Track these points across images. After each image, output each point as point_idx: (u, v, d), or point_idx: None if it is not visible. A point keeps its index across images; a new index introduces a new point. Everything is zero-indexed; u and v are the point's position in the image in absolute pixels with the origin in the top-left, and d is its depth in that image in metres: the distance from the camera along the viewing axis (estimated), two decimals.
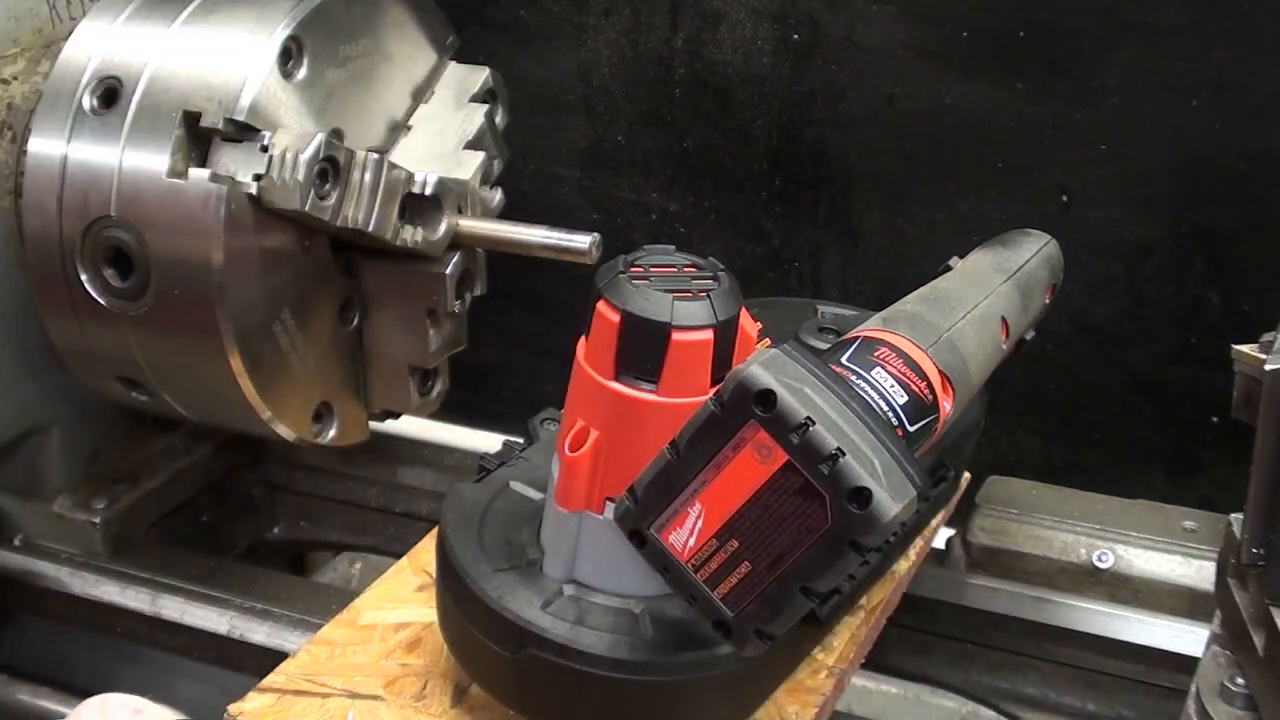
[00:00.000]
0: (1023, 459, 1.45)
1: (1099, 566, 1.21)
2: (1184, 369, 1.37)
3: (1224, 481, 1.35)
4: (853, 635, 0.93)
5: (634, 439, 0.74)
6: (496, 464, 0.91)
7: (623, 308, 0.73)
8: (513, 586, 0.79)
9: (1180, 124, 1.29)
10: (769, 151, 1.46)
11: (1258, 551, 0.82)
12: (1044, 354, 1.36)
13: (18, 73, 1.20)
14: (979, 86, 1.35)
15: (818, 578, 0.67)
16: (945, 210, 1.40)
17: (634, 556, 0.72)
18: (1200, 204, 1.31)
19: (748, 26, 1.42)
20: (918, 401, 0.74)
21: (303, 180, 1.07)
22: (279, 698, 0.86)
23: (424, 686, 0.88)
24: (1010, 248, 0.99)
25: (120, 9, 1.17)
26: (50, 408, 1.29)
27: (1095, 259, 1.35)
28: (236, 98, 1.09)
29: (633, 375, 0.74)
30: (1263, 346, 0.84)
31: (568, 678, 0.76)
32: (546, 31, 1.49)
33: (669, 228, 1.52)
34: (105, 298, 1.14)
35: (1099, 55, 1.30)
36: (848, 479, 0.64)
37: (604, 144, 1.52)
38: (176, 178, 1.09)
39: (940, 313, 0.83)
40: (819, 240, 1.47)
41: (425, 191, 1.17)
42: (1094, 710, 1.22)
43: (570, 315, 0.81)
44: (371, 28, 1.21)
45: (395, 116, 1.26)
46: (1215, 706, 0.83)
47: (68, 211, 1.13)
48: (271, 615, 1.21)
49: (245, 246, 1.10)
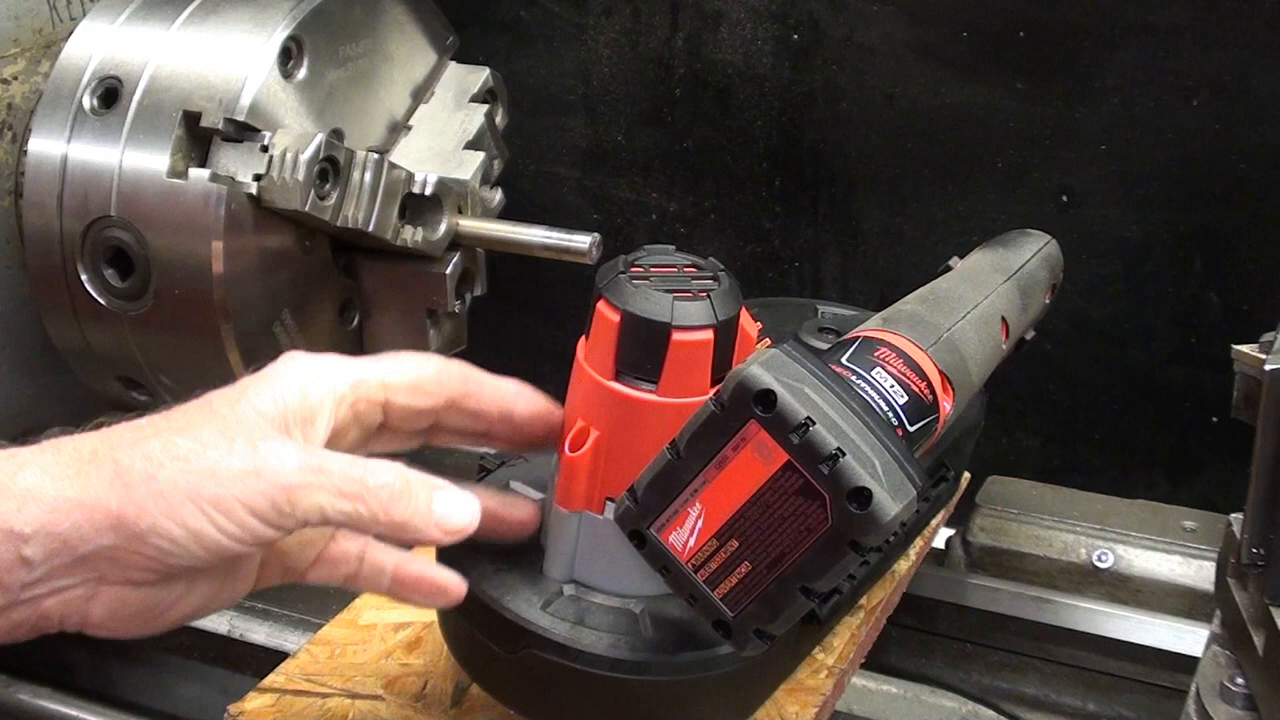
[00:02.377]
0: (1023, 459, 1.45)
1: (1099, 566, 1.20)
2: (1184, 369, 1.37)
3: (1224, 481, 1.35)
4: (853, 635, 0.93)
5: (634, 439, 0.74)
6: (496, 464, 0.91)
7: (623, 308, 0.73)
8: (513, 586, 0.79)
9: (1180, 124, 1.29)
10: (769, 151, 1.46)
11: (1258, 551, 0.82)
12: (1044, 354, 1.36)
13: (18, 73, 1.20)
14: (979, 86, 1.35)
15: (818, 578, 0.67)
16: (945, 210, 1.40)
17: (634, 556, 0.72)
18: (1200, 204, 1.31)
19: (748, 27, 1.42)
20: (918, 401, 0.74)
21: (303, 180, 1.07)
22: (279, 698, 0.87)
23: (424, 686, 0.88)
24: (1010, 248, 0.99)
25: (120, 9, 1.17)
26: (50, 408, 1.29)
27: (1095, 259, 1.35)
28: (236, 98, 1.09)
29: (633, 375, 0.74)
30: (1263, 346, 0.84)
31: (568, 677, 0.76)
32: (547, 32, 1.49)
33: (669, 228, 1.52)
34: (105, 298, 1.14)
35: (1099, 55, 1.30)
36: (848, 479, 0.64)
37: (604, 144, 1.52)
38: (176, 178, 1.09)
39: (940, 313, 0.83)
40: (819, 240, 1.47)
41: (425, 191, 1.17)
42: (1094, 710, 1.22)
43: (570, 315, 0.81)
44: (372, 28, 1.21)
45: (395, 116, 1.26)
46: (1215, 706, 0.83)
47: (68, 211, 1.13)
48: (271, 615, 1.21)
49: (245, 246, 1.10)
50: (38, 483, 0.64)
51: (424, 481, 0.70)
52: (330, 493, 0.67)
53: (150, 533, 0.64)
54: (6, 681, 1.26)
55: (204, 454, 0.65)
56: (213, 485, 0.65)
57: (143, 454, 0.65)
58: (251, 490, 0.65)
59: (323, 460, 0.68)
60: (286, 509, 0.66)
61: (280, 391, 0.70)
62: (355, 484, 0.68)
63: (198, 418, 0.68)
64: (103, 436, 0.67)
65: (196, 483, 0.65)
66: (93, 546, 0.64)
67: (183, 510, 0.64)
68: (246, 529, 0.65)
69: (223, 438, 0.66)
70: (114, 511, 0.64)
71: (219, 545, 0.65)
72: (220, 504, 0.65)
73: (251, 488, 0.65)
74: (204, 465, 0.65)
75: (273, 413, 0.69)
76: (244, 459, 0.66)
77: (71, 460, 0.65)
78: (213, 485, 0.65)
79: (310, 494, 0.66)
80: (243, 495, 0.65)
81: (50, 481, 0.64)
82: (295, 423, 0.69)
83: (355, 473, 0.68)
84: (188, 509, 0.64)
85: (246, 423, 0.68)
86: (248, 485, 0.65)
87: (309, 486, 0.66)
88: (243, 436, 0.67)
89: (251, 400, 0.69)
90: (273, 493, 0.65)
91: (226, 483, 0.65)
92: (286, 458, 0.67)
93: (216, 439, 0.66)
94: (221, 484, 0.65)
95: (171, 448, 0.66)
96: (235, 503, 0.65)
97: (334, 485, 0.67)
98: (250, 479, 0.65)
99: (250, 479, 0.65)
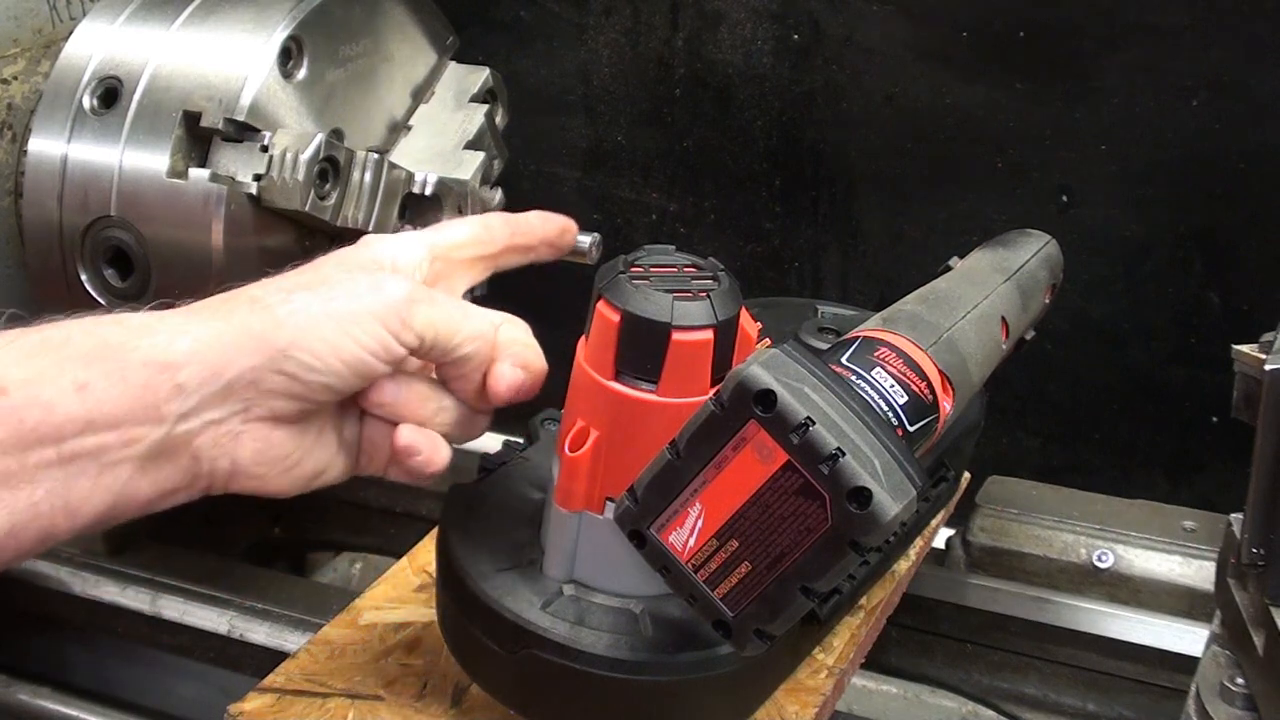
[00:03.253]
0: (1023, 459, 1.45)
1: (1099, 566, 1.21)
2: (1184, 369, 1.37)
3: (1224, 481, 1.35)
4: (853, 635, 0.93)
5: (634, 439, 0.74)
6: (497, 464, 0.91)
7: (623, 308, 0.73)
8: (513, 586, 0.79)
9: (1180, 124, 1.29)
10: (769, 151, 1.46)
11: (1258, 551, 0.82)
12: (1044, 354, 1.36)
13: (18, 73, 1.20)
14: (979, 86, 1.35)
15: (818, 578, 0.67)
16: (945, 210, 1.40)
17: (634, 556, 0.72)
18: (1200, 204, 1.31)
19: (748, 26, 1.42)
20: (918, 401, 0.74)
21: (303, 180, 1.07)
22: (279, 698, 0.87)
23: (424, 686, 0.88)
24: (1010, 248, 0.99)
25: (120, 9, 1.17)
26: None
27: (1095, 259, 1.35)
28: (236, 98, 1.09)
29: (633, 375, 0.74)
30: (1263, 346, 0.84)
31: (568, 677, 0.76)
32: (547, 32, 1.49)
33: (669, 228, 1.52)
34: (105, 297, 1.13)
35: (1099, 55, 1.30)
36: (848, 479, 0.64)
37: (604, 144, 1.52)
38: (176, 178, 1.09)
39: (940, 313, 0.83)
40: (819, 240, 1.47)
41: (425, 191, 1.17)
42: (1094, 710, 1.22)
43: (570, 315, 0.81)
44: (371, 28, 1.21)
45: (395, 116, 1.26)
46: (1215, 706, 0.83)
47: (68, 211, 1.13)
48: (271, 615, 1.21)
49: (245, 246, 1.10)
50: (183, 321, 0.72)
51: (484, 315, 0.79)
52: (441, 314, 0.76)
53: (292, 346, 0.72)
54: (6, 681, 1.26)
55: (333, 281, 0.75)
56: (345, 301, 0.74)
57: (276, 287, 0.75)
58: (378, 303, 0.74)
59: (424, 287, 0.77)
60: (408, 319, 0.74)
61: (375, 254, 0.80)
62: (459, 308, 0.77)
63: (319, 266, 0.78)
64: (233, 289, 0.75)
65: (329, 302, 0.73)
66: (239, 369, 0.71)
67: (322, 325, 0.72)
68: (377, 338, 0.73)
69: (344, 273, 0.77)
70: (257, 333, 0.71)
71: (354, 356, 0.73)
72: (353, 316, 0.73)
73: (378, 300, 0.74)
74: (336, 289, 0.74)
75: (375, 267, 0.79)
76: (367, 283, 0.75)
77: (211, 303, 0.74)
78: (345, 301, 0.74)
79: (425, 311, 0.75)
80: (372, 308, 0.73)
81: (195, 319, 0.72)
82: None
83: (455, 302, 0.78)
84: (325, 324, 0.72)
85: (361, 265, 0.79)
86: (375, 299, 0.74)
87: (423, 304, 0.75)
88: (362, 270, 0.77)
89: (356, 258, 0.80)
90: (397, 305, 0.74)
91: (356, 298, 0.74)
92: (400, 281, 0.76)
93: (339, 274, 0.76)
94: (352, 300, 0.74)
95: (301, 282, 0.75)
96: (366, 314, 0.73)
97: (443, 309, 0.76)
98: (375, 294, 0.74)
99: (375, 294, 0.74)
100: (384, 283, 0.75)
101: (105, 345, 0.69)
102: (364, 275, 0.76)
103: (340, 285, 0.75)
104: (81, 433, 0.67)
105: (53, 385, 0.67)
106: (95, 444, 0.68)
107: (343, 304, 0.73)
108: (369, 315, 0.73)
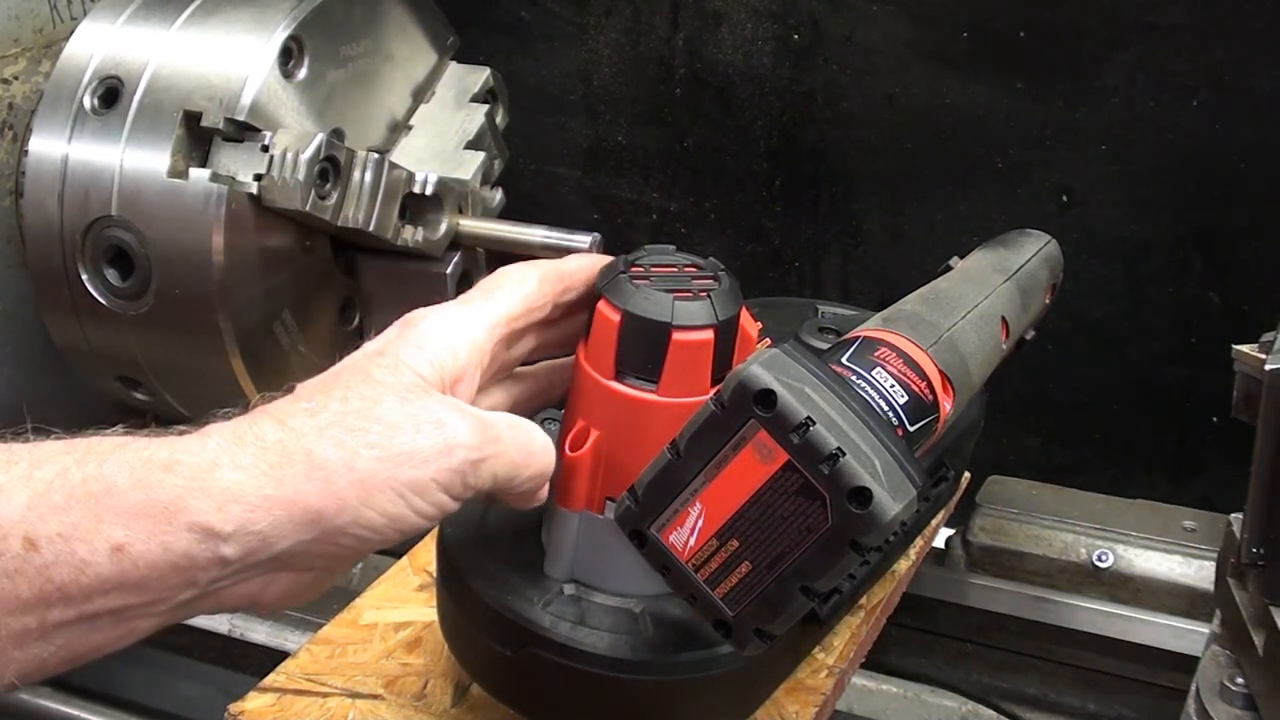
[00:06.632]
0: (1023, 459, 1.45)
1: (1099, 566, 1.21)
2: (1184, 369, 1.37)
3: (1224, 481, 1.35)
4: (853, 635, 0.93)
5: (634, 439, 0.74)
6: None
7: (623, 307, 0.73)
8: (513, 586, 0.79)
9: (1180, 124, 1.29)
10: (769, 151, 1.46)
11: (1258, 551, 0.82)
12: (1044, 354, 1.36)
13: (19, 72, 1.20)
14: (979, 86, 1.35)
15: (818, 577, 0.67)
16: (945, 210, 1.40)
17: (634, 556, 0.72)
18: (1200, 204, 1.31)
19: (748, 26, 1.42)
20: (918, 401, 0.74)
21: (303, 180, 1.07)
22: (279, 697, 0.87)
23: (424, 686, 0.88)
24: (1010, 248, 0.99)
25: (121, 9, 1.17)
26: (50, 408, 1.29)
27: (1095, 259, 1.35)
28: (237, 97, 1.09)
29: (633, 375, 0.74)
30: (1263, 346, 0.84)
31: (568, 677, 0.76)
32: (547, 32, 1.49)
33: (669, 228, 1.52)
34: (106, 297, 1.14)
35: (1099, 55, 1.30)
36: (848, 479, 0.64)
37: (604, 144, 1.52)
38: (177, 177, 1.09)
39: (940, 313, 0.83)
40: (819, 240, 1.47)
41: (426, 191, 1.17)
42: (1094, 710, 1.22)
43: None
44: (372, 28, 1.21)
45: (396, 116, 1.26)
46: (1215, 706, 0.83)
47: (68, 211, 1.13)
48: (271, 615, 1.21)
49: (246, 246, 1.10)
50: (236, 481, 0.63)
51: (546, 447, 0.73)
52: (505, 463, 0.70)
53: (351, 525, 0.65)
54: None
55: (395, 438, 0.66)
56: (409, 470, 0.66)
57: (334, 442, 0.65)
58: (444, 469, 0.67)
59: (491, 428, 0.69)
60: (471, 481, 0.68)
61: (433, 354, 0.71)
62: (523, 450, 0.71)
63: (369, 393, 0.68)
64: (280, 424, 0.66)
65: (394, 469, 0.65)
66: (290, 543, 0.64)
67: (382, 498, 0.65)
68: (438, 505, 0.67)
69: (405, 415, 0.67)
70: (314, 507, 0.64)
71: (413, 526, 0.67)
72: (417, 486, 0.66)
73: (444, 465, 0.67)
74: (399, 450, 0.66)
75: (434, 378, 0.70)
76: (433, 438, 0.67)
77: (263, 454, 0.64)
78: (409, 470, 0.66)
79: (490, 465, 0.69)
80: (437, 475, 0.67)
81: (248, 479, 0.63)
82: (449, 383, 0.71)
83: (522, 439, 0.71)
84: (387, 495, 0.65)
85: (417, 392, 0.68)
86: (441, 464, 0.67)
87: (490, 459, 0.69)
88: (425, 413, 0.67)
89: (410, 364, 0.70)
90: (463, 468, 0.67)
91: (422, 465, 0.66)
92: (467, 431, 0.68)
93: (400, 418, 0.67)
94: (418, 467, 0.66)
95: (363, 435, 0.66)
96: (430, 483, 0.66)
97: (508, 457, 0.70)
98: (443, 457, 0.67)
99: (443, 457, 0.67)
100: (450, 432, 0.67)
101: (150, 503, 0.62)
102: (430, 425, 0.67)
103: (406, 440, 0.66)
104: (108, 593, 0.62)
105: (86, 544, 0.61)
106: (120, 604, 0.63)
107: (407, 472, 0.65)
108: (433, 483, 0.66)
